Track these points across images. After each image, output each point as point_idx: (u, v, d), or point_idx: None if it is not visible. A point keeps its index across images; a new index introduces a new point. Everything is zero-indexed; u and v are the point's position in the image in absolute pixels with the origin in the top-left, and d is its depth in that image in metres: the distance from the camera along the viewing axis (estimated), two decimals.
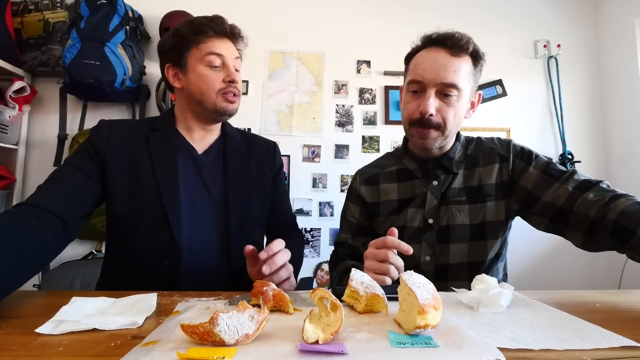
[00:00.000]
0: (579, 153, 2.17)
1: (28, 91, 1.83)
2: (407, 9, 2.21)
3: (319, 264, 2.03)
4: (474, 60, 0.83)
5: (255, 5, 2.13)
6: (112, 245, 0.89)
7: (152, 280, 0.80)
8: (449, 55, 0.80)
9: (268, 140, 1.05)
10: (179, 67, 0.88)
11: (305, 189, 2.06)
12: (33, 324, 0.47)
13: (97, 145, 0.84)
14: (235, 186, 0.90)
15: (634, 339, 0.43)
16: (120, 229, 0.84)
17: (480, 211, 0.86)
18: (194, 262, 0.83)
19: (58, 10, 1.98)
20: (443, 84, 0.79)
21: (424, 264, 0.87)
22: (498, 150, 0.89)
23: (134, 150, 0.85)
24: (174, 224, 0.82)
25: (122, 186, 0.83)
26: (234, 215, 0.88)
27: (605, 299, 0.64)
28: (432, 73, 0.79)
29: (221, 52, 0.86)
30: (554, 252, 2.09)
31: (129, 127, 0.90)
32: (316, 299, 0.48)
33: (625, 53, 2.09)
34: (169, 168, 0.85)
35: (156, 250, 0.82)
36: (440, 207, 0.87)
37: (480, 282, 0.59)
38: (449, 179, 0.89)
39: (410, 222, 0.88)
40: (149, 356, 0.38)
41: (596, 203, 0.73)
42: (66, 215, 0.73)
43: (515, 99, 2.21)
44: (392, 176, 0.95)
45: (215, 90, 0.85)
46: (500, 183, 0.87)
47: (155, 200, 0.82)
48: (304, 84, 2.12)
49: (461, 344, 0.41)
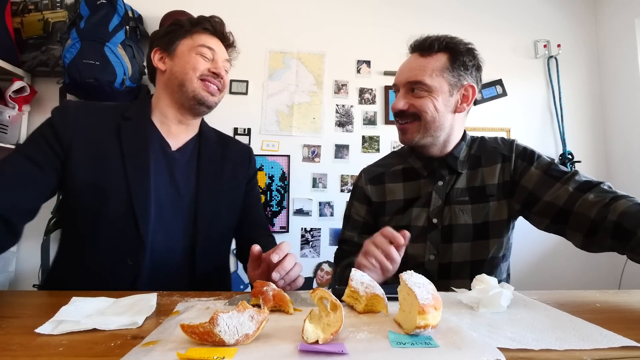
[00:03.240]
0: (579, 153, 2.17)
1: (28, 91, 1.83)
2: (407, 9, 2.21)
3: (319, 264, 2.03)
4: (450, 56, 0.86)
5: (255, 5, 2.13)
6: (67, 242, 0.82)
7: (110, 280, 0.75)
8: (419, 57, 0.88)
9: (244, 145, 1.04)
10: (167, 51, 0.87)
11: (305, 189, 2.06)
12: (33, 324, 0.47)
13: (60, 132, 0.77)
14: (207, 189, 0.87)
15: (634, 339, 0.43)
16: (79, 223, 0.78)
17: (482, 211, 0.88)
18: (157, 264, 0.79)
19: (58, 10, 1.98)
20: (408, 82, 0.87)
21: (428, 262, 0.88)
22: (501, 150, 0.91)
23: (102, 139, 0.79)
24: (142, 222, 0.77)
25: (86, 178, 0.77)
26: (203, 219, 0.85)
27: (605, 299, 0.64)
28: (401, 75, 0.89)
29: (213, 46, 0.87)
30: (554, 252, 2.09)
31: (98, 112, 0.84)
32: (316, 299, 0.48)
33: (625, 53, 2.09)
34: (140, 161, 0.80)
35: (119, 248, 0.76)
36: (444, 207, 0.89)
37: (480, 282, 0.59)
38: (453, 179, 0.90)
39: (415, 221, 0.90)
40: (149, 356, 0.38)
41: (597, 204, 0.73)
42: (10, 213, 0.70)
43: (515, 99, 2.21)
44: (397, 175, 0.97)
45: (198, 73, 0.84)
46: (502, 183, 0.88)
47: (122, 194, 0.77)
48: (304, 84, 2.12)
49: (461, 344, 0.41)
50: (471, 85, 0.88)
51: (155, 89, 0.91)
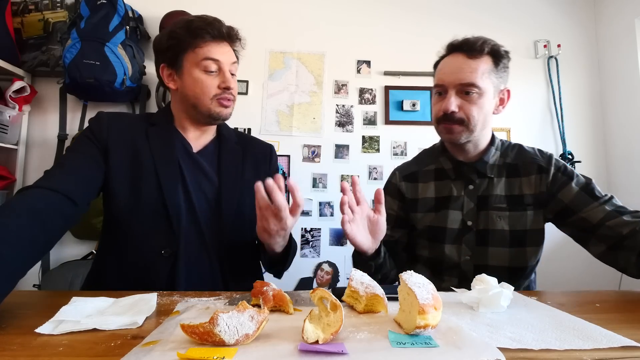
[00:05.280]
0: (579, 153, 2.17)
1: (28, 91, 1.83)
2: (408, 9, 2.21)
3: (319, 264, 2.03)
4: (494, 59, 0.88)
5: (255, 5, 2.13)
6: (108, 240, 0.88)
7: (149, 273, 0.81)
8: (467, 58, 0.87)
9: (265, 143, 1.06)
10: (174, 68, 0.88)
11: (305, 189, 2.06)
12: (33, 324, 0.47)
13: (97, 134, 0.84)
14: (228, 187, 0.91)
15: (634, 339, 0.43)
16: (118, 221, 0.84)
17: (520, 219, 0.90)
18: (190, 256, 0.84)
19: (58, 10, 1.98)
20: (461, 84, 0.86)
21: (463, 263, 0.91)
22: (539, 162, 0.92)
23: (133, 142, 0.86)
24: (174, 216, 0.83)
25: (123, 175, 0.83)
26: (228, 215, 0.89)
27: (605, 299, 0.64)
28: (451, 75, 0.87)
29: (218, 57, 0.85)
30: (554, 252, 2.08)
31: (128, 119, 0.91)
32: (316, 299, 0.48)
33: (625, 53, 2.09)
34: (169, 160, 0.86)
35: (155, 241, 0.82)
36: (480, 212, 0.91)
37: (480, 282, 0.59)
38: (485, 183, 0.93)
39: (450, 224, 0.93)
40: (149, 356, 0.38)
41: (630, 224, 0.77)
42: (76, 197, 0.74)
43: (515, 99, 2.19)
44: (430, 175, 1.00)
45: (210, 96, 0.86)
46: (539, 193, 0.90)
47: (155, 191, 0.83)
48: (304, 84, 2.12)
49: (461, 344, 0.41)
50: (508, 89, 0.92)
51: (172, 99, 0.94)
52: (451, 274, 0.92)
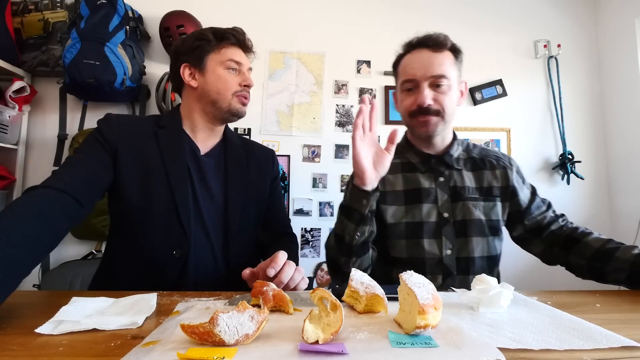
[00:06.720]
0: (579, 153, 2.16)
1: (28, 91, 1.83)
2: (407, 9, 2.21)
3: (319, 264, 2.03)
4: (454, 54, 0.93)
5: (255, 5, 2.13)
6: (117, 240, 0.89)
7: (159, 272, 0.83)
8: (432, 52, 0.90)
9: (266, 148, 1.10)
10: (197, 67, 0.91)
11: (305, 189, 2.06)
12: (33, 324, 0.47)
13: (106, 135, 0.85)
14: (235, 188, 0.93)
15: (634, 339, 0.43)
16: (129, 222, 0.85)
17: (493, 209, 0.95)
18: (199, 256, 0.86)
19: (58, 10, 1.97)
20: (433, 76, 0.88)
21: (446, 257, 0.91)
22: (503, 159, 1.00)
23: (143, 143, 0.87)
24: (184, 216, 0.84)
25: (134, 177, 0.84)
26: (234, 216, 0.91)
27: (605, 299, 0.64)
28: (422, 69, 0.89)
29: (240, 60, 0.93)
30: None
31: (136, 121, 0.93)
32: (316, 299, 0.48)
33: (625, 53, 2.09)
34: (178, 161, 0.88)
35: (166, 241, 0.84)
36: (456, 203, 0.93)
37: (480, 282, 0.59)
38: (455, 175, 0.95)
39: (426, 217, 0.93)
40: (149, 356, 0.38)
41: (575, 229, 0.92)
42: (83, 198, 0.75)
43: (515, 99, 2.21)
44: (397, 167, 0.99)
45: (232, 91, 0.91)
46: (505, 187, 0.96)
47: (165, 191, 0.85)
48: (304, 84, 2.12)
49: (461, 344, 0.41)
50: (465, 81, 0.97)
51: (184, 100, 0.96)
52: (434, 271, 0.90)
